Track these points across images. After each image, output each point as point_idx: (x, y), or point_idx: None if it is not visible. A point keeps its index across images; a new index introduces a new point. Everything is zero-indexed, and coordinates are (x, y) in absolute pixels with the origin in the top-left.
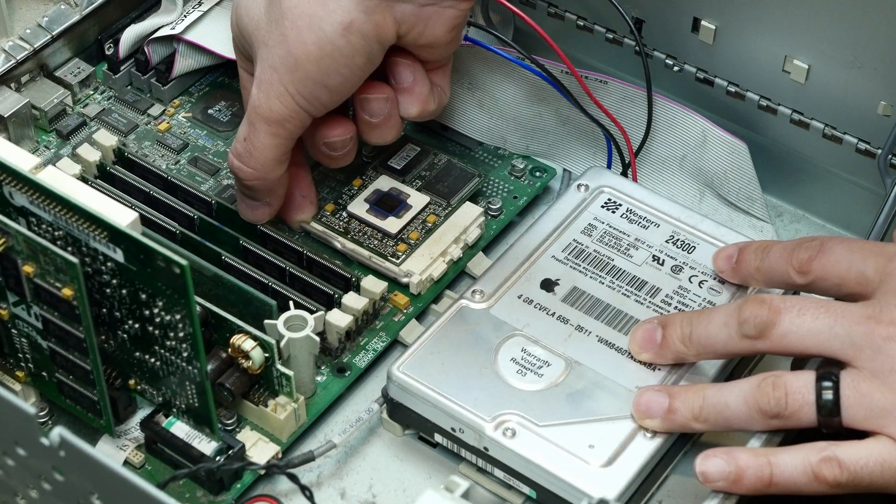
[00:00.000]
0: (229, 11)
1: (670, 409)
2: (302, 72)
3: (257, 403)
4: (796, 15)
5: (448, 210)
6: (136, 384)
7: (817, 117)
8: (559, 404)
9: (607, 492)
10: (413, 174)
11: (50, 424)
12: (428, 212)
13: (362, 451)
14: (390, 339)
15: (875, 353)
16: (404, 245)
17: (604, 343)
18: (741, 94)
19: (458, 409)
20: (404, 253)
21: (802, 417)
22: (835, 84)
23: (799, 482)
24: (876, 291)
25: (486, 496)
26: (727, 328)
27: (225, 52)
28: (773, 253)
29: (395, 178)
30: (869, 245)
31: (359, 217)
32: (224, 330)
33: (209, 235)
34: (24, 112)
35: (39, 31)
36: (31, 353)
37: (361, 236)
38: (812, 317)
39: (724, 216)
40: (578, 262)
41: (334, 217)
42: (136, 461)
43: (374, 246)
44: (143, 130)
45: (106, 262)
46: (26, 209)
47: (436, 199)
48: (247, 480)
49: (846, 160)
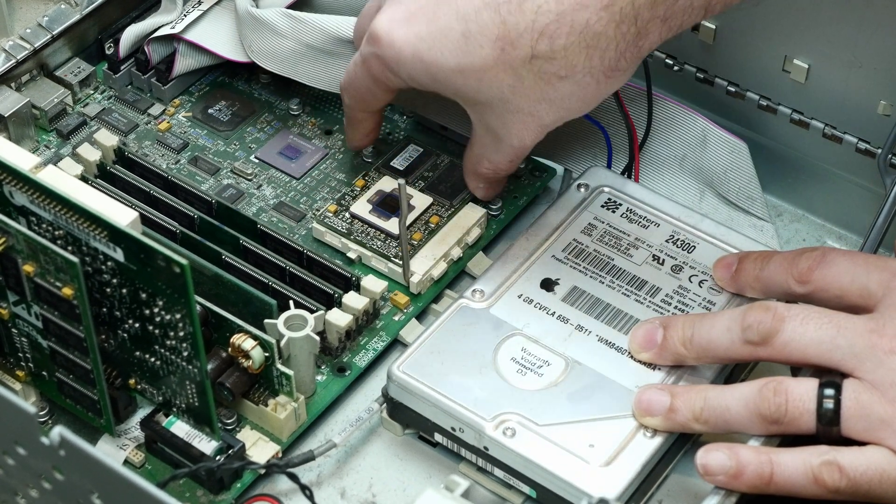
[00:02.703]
0: (229, 11)
1: (671, 408)
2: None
3: (257, 403)
4: (796, 15)
5: (451, 211)
6: (137, 383)
7: (817, 117)
8: (559, 404)
9: (607, 491)
10: (416, 175)
11: (50, 424)
12: (431, 212)
13: (362, 450)
14: (390, 339)
15: (876, 366)
16: (408, 245)
17: (604, 343)
18: (741, 94)
19: (458, 408)
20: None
21: (801, 425)
22: (835, 84)
23: (798, 483)
24: (878, 305)
25: (486, 496)
26: (730, 333)
27: (224, 53)
28: (773, 262)
29: (397, 179)
30: (872, 259)
31: (361, 218)
32: (224, 329)
33: (209, 235)
34: (25, 111)
35: (39, 31)
36: (31, 352)
37: (364, 237)
38: (815, 326)
39: (724, 215)
40: (578, 261)
41: (337, 217)
42: (136, 460)
43: (378, 247)
44: (143, 130)
45: (106, 262)
46: (26, 208)
47: (439, 200)
48: (247, 480)
49: (846, 160)
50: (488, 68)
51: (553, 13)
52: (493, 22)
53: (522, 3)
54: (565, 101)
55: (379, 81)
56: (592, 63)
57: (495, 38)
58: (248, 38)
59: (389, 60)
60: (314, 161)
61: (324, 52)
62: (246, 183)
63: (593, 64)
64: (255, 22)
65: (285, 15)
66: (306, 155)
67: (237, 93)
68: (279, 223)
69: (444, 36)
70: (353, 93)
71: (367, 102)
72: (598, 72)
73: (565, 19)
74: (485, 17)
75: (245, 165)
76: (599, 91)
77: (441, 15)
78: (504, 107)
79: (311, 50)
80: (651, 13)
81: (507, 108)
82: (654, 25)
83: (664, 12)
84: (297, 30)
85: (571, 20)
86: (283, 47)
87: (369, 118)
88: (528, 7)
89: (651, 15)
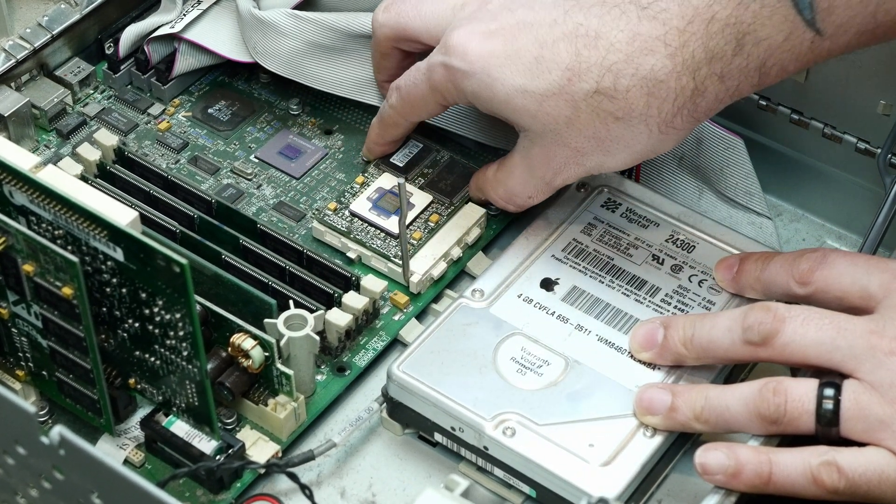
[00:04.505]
0: (228, 10)
1: (672, 407)
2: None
3: (257, 402)
4: None
5: (451, 209)
6: (136, 383)
7: (817, 117)
8: (559, 403)
9: (607, 491)
10: (415, 171)
11: (50, 423)
12: (431, 210)
13: (362, 450)
14: (390, 339)
15: (876, 367)
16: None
17: (603, 342)
18: None
19: (458, 408)
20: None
21: (801, 425)
22: (835, 84)
23: (797, 483)
24: (879, 307)
25: (486, 495)
26: (730, 333)
27: (224, 52)
28: (774, 263)
29: (397, 176)
30: (873, 260)
31: (361, 216)
32: (224, 329)
33: (209, 234)
34: (25, 111)
35: (39, 31)
36: (31, 352)
37: (364, 235)
38: (816, 327)
39: (723, 213)
40: (578, 261)
41: (337, 216)
42: (136, 460)
43: (378, 246)
44: (143, 130)
45: (106, 261)
46: (26, 208)
47: (438, 198)
48: (247, 479)
49: (846, 159)
50: (551, 94)
51: (622, 53)
52: (567, 52)
53: (597, 40)
54: (613, 145)
55: (437, 91)
56: (650, 111)
57: (565, 67)
58: (251, 40)
59: (457, 71)
60: (314, 161)
61: (331, 49)
62: (246, 183)
63: (651, 112)
64: (258, 23)
65: (289, 15)
66: (306, 155)
67: (237, 93)
68: (279, 223)
69: (518, 57)
70: (406, 95)
71: (415, 109)
72: (653, 122)
73: (633, 61)
74: (560, 48)
75: (245, 165)
76: (649, 144)
77: (520, 38)
78: (554, 138)
79: (317, 48)
80: (709, 69)
81: (557, 139)
82: (711, 83)
83: (721, 70)
84: (301, 28)
85: (638, 63)
86: (287, 47)
87: (405, 127)
88: (601, 44)
89: (709, 71)
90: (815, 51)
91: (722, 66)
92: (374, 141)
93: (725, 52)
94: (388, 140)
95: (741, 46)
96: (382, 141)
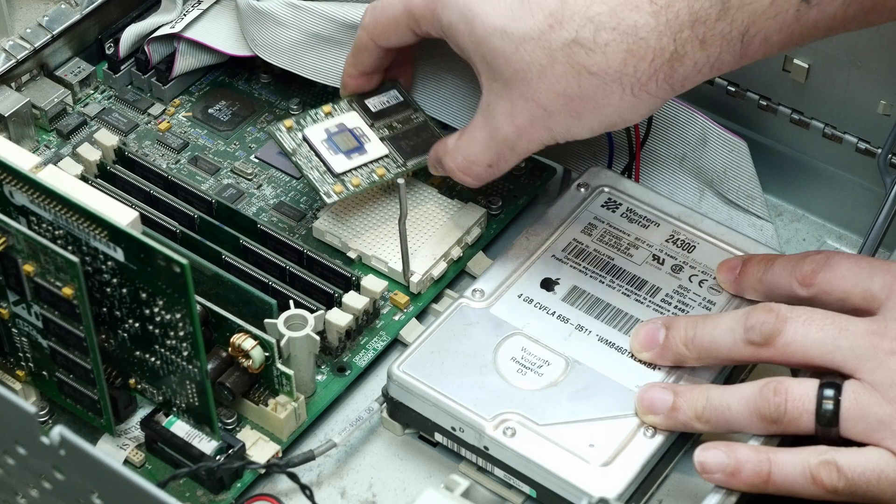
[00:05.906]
0: (228, 9)
1: (674, 406)
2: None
3: (257, 402)
4: None
5: (399, 171)
6: (137, 383)
7: (817, 117)
8: (559, 403)
9: (607, 491)
10: (384, 122)
11: (50, 423)
12: (379, 164)
13: (362, 450)
14: (390, 339)
15: (877, 367)
16: (340, 187)
17: (604, 342)
18: (741, 94)
19: (459, 408)
20: (338, 194)
21: (801, 425)
22: (835, 84)
23: (796, 483)
24: (881, 308)
25: (487, 495)
26: (732, 333)
27: (225, 48)
28: (776, 265)
29: (364, 119)
30: (876, 262)
31: (311, 143)
32: (224, 329)
33: (209, 235)
34: (25, 111)
35: (40, 31)
36: (31, 352)
37: (305, 162)
38: (817, 327)
39: (724, 215)
40: (578, 261)
41: (289, 134)
42: (136, 460)
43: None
44: (143, 130)
45: (106, 262)
46: (27, 208)
47: (393, 155)
48: (247, 479)
49: (846, 160)
50: (529, 39)
51: (607, 5)
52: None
53: None
54: (583, 105)
55: (412, 16)
56: (626, 69)
57: (549, 12)
58: (250, 33)
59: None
60: None
61: (329, 40)
62: (246, 183)
63: (626, 71)
64: (257, 14)
65: (288, 5)
66: None
67: (237, 92)
68: (279, 223)
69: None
70: (380, 15)
71: (385, 31)
72: (627, 82)
73: (616, 14)
74: None
75: (245, 165)
76: (620, 108)
77: None
78: (522, 90)
79: (316, 39)
80: (691, 31)
81: (525, 91)
82: (691, 47)
83: (703, 33)
84: (300, 18)
85: (621, 17)
86: (286, 38)
87: (375, 54)
88: None
89: (691, 34)
90: (801, 20)
91: (704, 30)
92: (346, 71)
93: (710, 14)
94: (360, 69)
95: (726, 10)
96: (354, 71)
